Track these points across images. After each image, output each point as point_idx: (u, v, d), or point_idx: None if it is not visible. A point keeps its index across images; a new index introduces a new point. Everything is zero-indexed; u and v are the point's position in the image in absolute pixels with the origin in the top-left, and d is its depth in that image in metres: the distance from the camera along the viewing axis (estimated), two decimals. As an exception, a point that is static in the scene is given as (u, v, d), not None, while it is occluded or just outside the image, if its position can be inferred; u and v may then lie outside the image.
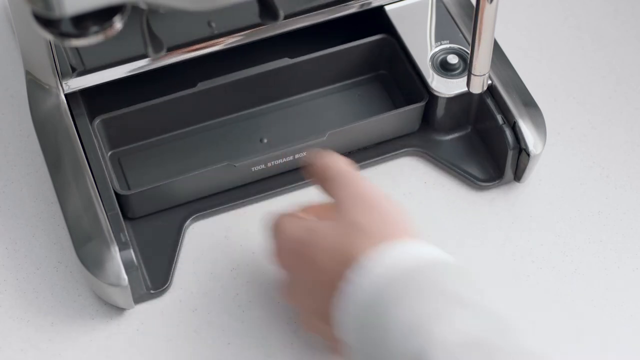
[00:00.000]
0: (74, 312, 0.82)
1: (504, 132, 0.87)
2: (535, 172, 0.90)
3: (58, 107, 0.87)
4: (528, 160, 0.87)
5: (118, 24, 0.66)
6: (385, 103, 0.93)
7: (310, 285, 0.71)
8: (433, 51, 0.90)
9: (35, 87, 0.87)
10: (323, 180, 0.75)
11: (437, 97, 0.89)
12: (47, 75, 0.86)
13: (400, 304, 0.63)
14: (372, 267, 0.66)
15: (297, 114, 0.92)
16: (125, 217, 0.84)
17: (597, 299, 0.84)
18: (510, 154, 0.87)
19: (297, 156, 0.87)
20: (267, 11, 0.79)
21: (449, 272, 0.66)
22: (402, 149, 0.91)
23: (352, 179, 0.73)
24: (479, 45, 0.80)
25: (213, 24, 0.88)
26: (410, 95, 0.91)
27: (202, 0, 0.70)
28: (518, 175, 0.89)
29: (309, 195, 0.88)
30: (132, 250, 0.80)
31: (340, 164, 0.75)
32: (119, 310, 0.83)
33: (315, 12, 0.90)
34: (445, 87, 0.89)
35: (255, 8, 0.78)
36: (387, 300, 0.64)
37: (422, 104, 0.89)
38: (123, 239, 0.80)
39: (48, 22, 0.65)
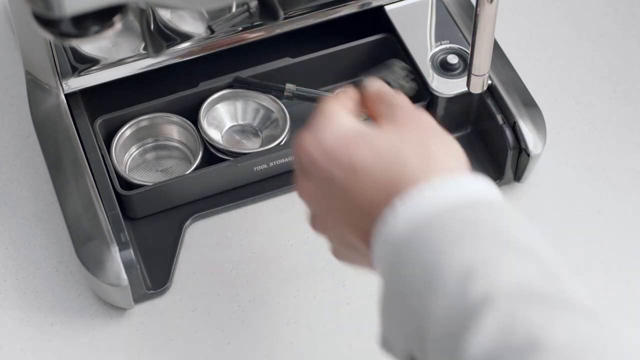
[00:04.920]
0: (74, 312, 0.83)
1: (504, 132, 0.87)
2: (535, 172, 0.90)
3: (58, 107, 0.87)
4: (528, 160, 0.87)
5: (118, 24, 0.66)
6: (385, 103, 0.93)
7: (347, 212, 0.64)
8: (433, 51, 0.91)
9: (35, 87, 0.87)
10: (378, 101, 0.68)
11: (437, 97, 0.89)
12: (47, 75, 0.86)
13: (455, 244, 0.58)
14: (421, 199, 0.60)
15: (299, 113, 0.92)
16: (125, 217, 0.84)
17: (597, 298, 0.84)
18: (510, 154, 0.87)
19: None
20: (267, 11, 0.79)
21: (505, 214, 0.60)
22: (402, 149, 0.91)
23: (412, 108, 0.67)
24: (479, 45, 0.80)
25: (213, 24, 0.88)
26: (410, 96, 0.91)
27: (202, 0, 0.70)
28: (518, 175, 0.89)
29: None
30: (132, 250, 0.80)
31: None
32: (119, 310, 0.83)
33: (315, 12, 0.90)
34: (445, 87, 0.89)
35: (255, 8, 0.78)
36: (438, 236, 0.58)
37: (422, 104, 0.89)
38: (123, 239, 0.80)
39: (48, 22, 0.65)
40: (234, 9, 0.85)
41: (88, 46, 0.85)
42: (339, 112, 0.67)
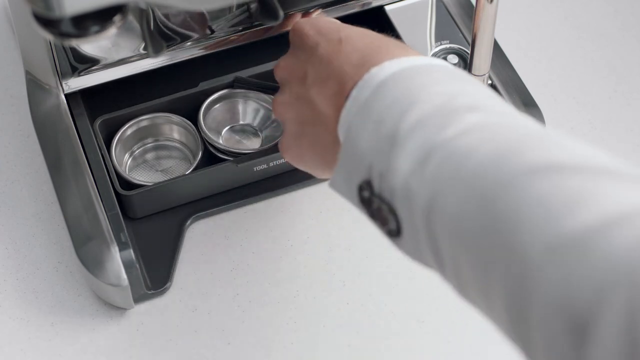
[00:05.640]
0: (74, 312, 0.83)
1: (504, 132, 0.87)
2: (535, 172, 0.90)
3: (58, 107, 0.87)
4: (528, 160, 0.87)
5: (118, 23, 0.66)
6: (385, 103, 0.93)
7: (322, 78, 0.69)
8: (433, 51, 0.91)
9: (35, 87, 0.87)
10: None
11: (437, 97, 0.89)
12: (47, 75, 0.86)
13: (437, 82, 0.63)
14: (405, 59, 0.66)
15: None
16: (125, 217, 0.84)
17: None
18: (510, 154, 0.87)
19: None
20: (267, 11, 0.79)
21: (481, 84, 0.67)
22: (402, 149, 0.91)
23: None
24: (479, 45, 0.80)
25: (214, 24, 0.88)
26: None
27: (202, 0, 0.70)
28: (518, 175, 0.89)
29: (312, 195, 0.88)
30: (132, 250, 0.80)
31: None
32: (119, 310, 0.83)
33: (315, 12, 0.90)
34: (445, 87, 0.89)
35: (255, 8, 0.78)
36: (421, 77, 0.64)
37: (422, 104, 0.89)
38: (123, 239, 0.80)
39: (48, 22, 0.65)
40: (234, 9, 0.85)
41: (88, 46, 0.85)
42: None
